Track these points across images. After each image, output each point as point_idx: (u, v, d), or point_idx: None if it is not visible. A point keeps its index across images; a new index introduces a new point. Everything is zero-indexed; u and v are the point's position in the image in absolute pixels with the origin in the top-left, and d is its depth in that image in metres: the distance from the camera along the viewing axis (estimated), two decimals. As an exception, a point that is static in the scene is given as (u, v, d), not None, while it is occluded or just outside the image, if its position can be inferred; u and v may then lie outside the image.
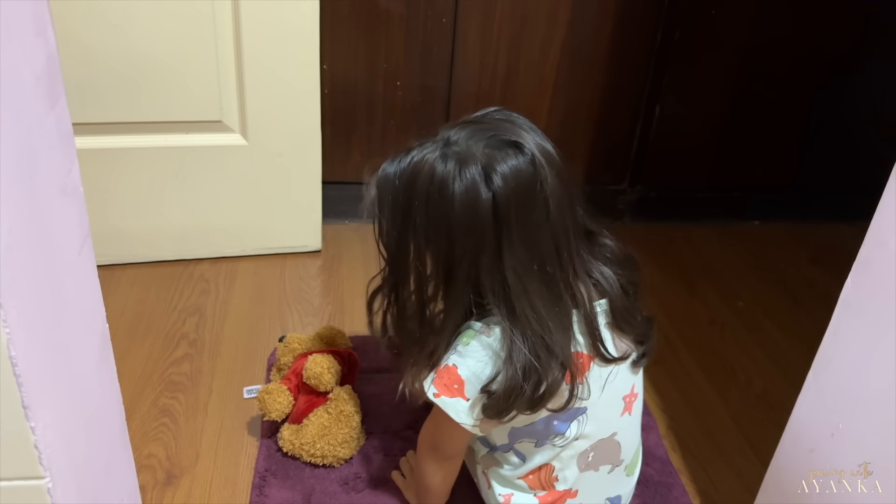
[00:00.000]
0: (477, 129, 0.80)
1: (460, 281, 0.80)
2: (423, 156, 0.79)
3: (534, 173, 0.77)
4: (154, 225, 1.49)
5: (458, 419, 0.83)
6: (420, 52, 1.56)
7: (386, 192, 0.82)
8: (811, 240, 1.81)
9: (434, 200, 0.78)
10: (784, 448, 0.90)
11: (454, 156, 0.77)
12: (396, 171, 0.81)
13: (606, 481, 0.95)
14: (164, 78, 1.34)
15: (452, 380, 0.83)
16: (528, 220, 0.78)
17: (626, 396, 0.91)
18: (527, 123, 0.82)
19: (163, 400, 1.20)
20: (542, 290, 0.80)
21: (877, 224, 0.74)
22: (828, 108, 1.76)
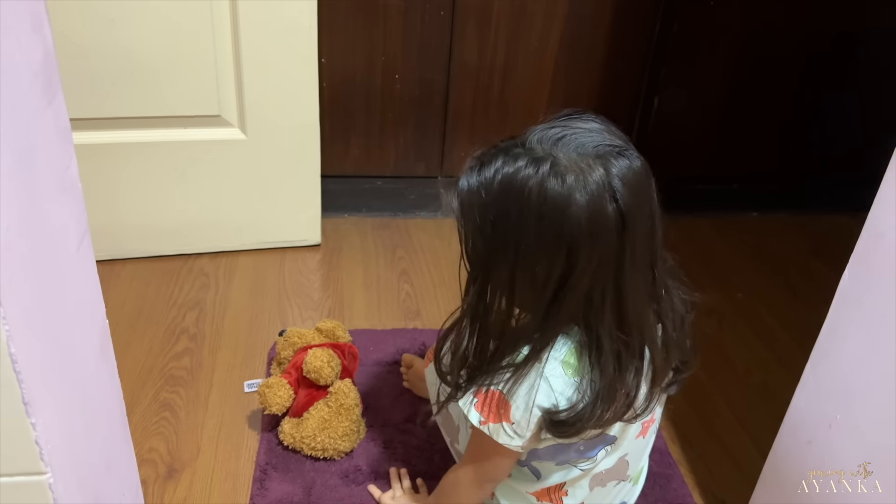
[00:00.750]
0: (575, 138, 0.73)
1: (572, 297, 0.74)
2: (518, 170, 0.72)
3: (649, 182, 0.74)
4: (153, 220, 1.49)
5: (508, 444, 0.81)
6: (418, 45, 1.56)
7: (473, 207, 0.75)
8: (810, 231, 1.81)
9: (550, 218, 0.71)
10: (782, 439, 0.90)
11: (568, 169, 0.70)
12: (482, 184, 0.74)
13: (612, 493, 0.95)
14: (161, 72, 1.34)
15: (497, 402, 0.80)
16: (644, 231, 0.74)
17: (646, 422, 0.89)
18: (613, 128, 0.76)
19: (163, 394, 1.21)
20: (648, 307, 0.78)
21: (875, 216, 0.74)
22: (827, 99, 1.76)
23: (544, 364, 0.78)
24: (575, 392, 0.78)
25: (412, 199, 1.74)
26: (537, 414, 0.79)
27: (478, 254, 0.77)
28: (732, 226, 1.82)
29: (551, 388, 0.78)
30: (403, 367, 1.26)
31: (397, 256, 1.60)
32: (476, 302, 0.79)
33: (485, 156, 0.75)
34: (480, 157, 0.76)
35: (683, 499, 1.09)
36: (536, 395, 0.78)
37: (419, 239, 1.67)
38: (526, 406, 0.79)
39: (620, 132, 0.76)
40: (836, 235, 1.82)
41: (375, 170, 1.70)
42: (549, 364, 0.78)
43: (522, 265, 0.74)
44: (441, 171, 1.72)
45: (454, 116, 1.65)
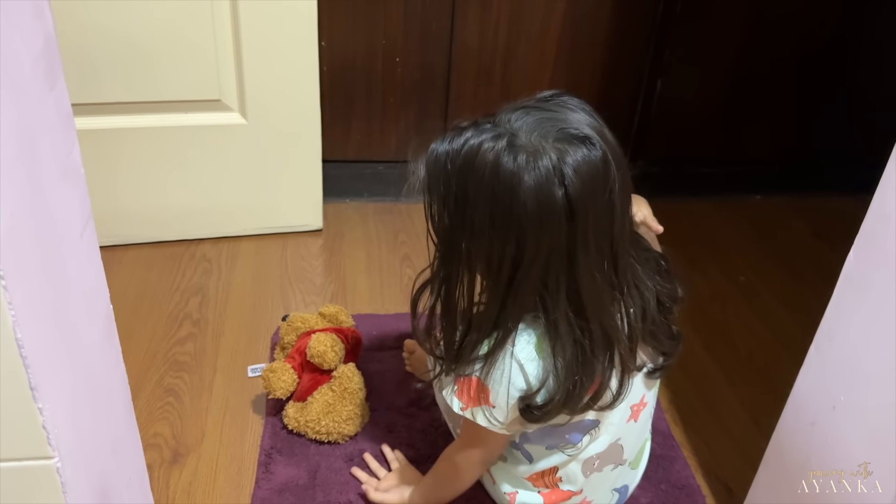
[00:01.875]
0: (543, 120, 0.72)
1: (526, 282, 0.74)
2: (481, 143, 0.72)
3: (605, 173, 0.72)
4: (155, 205, 1.49)
5: (489, 426, 0.82)
6: (419, 28, 1.55)
7: (438, 176, 0.75)
8: (813, 213, 1.81)
9: (501, 196, 0.71)
10: (785, 421, 0.90)
11: (522, 149, 0.70)
12: (449, 153, 0.74)
13: (611, 477, 0.95)
14: (161, 57, 1.33)
15: (476, 388, 0.81)
16: (598, 221, 0.73)
17: (635, 405, 0.89)
18: (590, 115, 0.75)
19: (167, 379, 1.21)
20: (607, 296, 0.77)
21: (879, 197, 0.74)
22: (830, 81, 1.75)
23: (514, 349, 0.78)
24: (547, 376, 0.78)
25: (414, 183, 1.73)
26: (514, 396, 0.79)
27: (440, 223, 0.78)
28: (735, 209, 1.81)
29: (524, 372, 0.79)
30: (406, 352, 1.27)
31: (399, 241, 1.60)
32: (439, 269, 0.80)
33: (458, 127, 0.75)
34: (454, 128, 0.76)
35: (686, 480, 1.10)
36: (511, 378, 0.79)
37: (421, 224, 1.63)
38: (504, 388, 0.79)
39: (598, 121, 0.75)
40: (838, 217, 1.81)
41: (377, 154, 1.69)
42: (520, 348, 0.79)
43: (477, 244, 0.74)
44: (443, 155, 1.71)
45: (456, 100, 1.64)
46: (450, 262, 0.79)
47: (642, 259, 0.83)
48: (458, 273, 0.78)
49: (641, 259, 0.83)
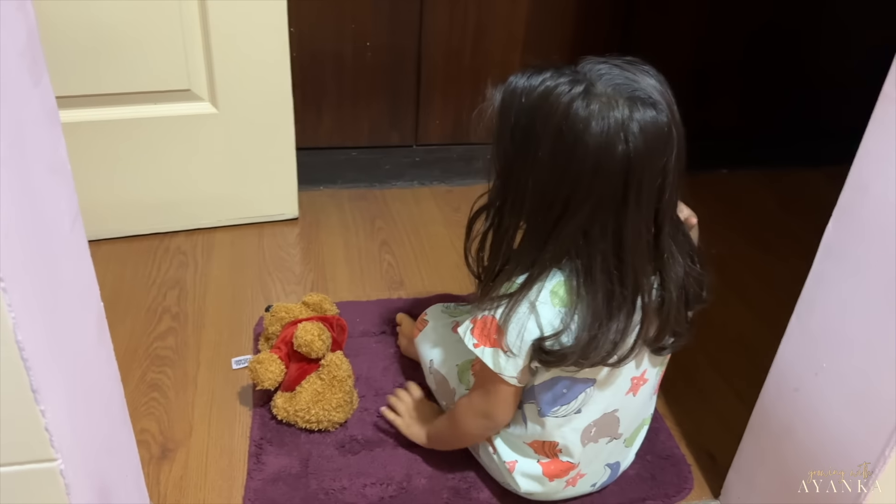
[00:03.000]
0: (622, 76, 0.76)
1: (572, 224, 0.78)
2: (558, 86, 0.75)
3: (667, 140, 0.76)
4: (126, 199, 1.46)
5: (495, 369, 0.84)
6: (388, 11, 1.54)
7: (510, 107, 0.78)
8: (779, 186, 1.85)
9: (567, 137, 0.74)
10: (769, 388, 0.93)
11: (596, 98, 0.73)
12: (525, 88, 0.77)
13: (605, 450, 0.97)
14: (127, 47, 1.30)
15: (493, 329, 0.84)
16: (651, 183, 0.76)
17: (635, 378, 0.91)
18: (665, 87, 0.78)
19: (150, 375, 1.19)
20: (647, 255, 0.80)
21: (857, 169, 0.76)
22: (794, 55, 1.78)
23: (537, 293, 0.81)
24: (560, 322, 0.81)
25: (388, 168, 1.73)
26: (528, 341, 0.82)
27: (505, 153, 0.81)
28: (704, 183, 1.84)
29: (539, 316, 0.81)
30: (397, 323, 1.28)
31: (376, 227, 1.60)
32: (496, 197, 0.84)
33: (539, 66, 0.78)
34: (535, 67, 0.79)
35: (671, 450, 1.12)
36: (527, 322, 0.81)
37: (397, 209, 1.66)
38: (518, 333, 0.82)
39: (670, 95, 0.78)
40: (802, 189, 1.86)
41: (349, 140, 1.68)
42: (540, 293, 0.82)
43: (536, 175, 0.78)
44: (416, 139, 1.71)
45: (427, 83, 1.64)
46: (506, 191, 0.82)
47: (679, 241, 0.85)
48: (513, 204, 0.82)
49: (679, 240, 0.85)
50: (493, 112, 0.81)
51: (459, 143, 1.72)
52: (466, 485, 1.04)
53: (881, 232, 0.73)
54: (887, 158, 0.72)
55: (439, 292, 1.40)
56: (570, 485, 0.98)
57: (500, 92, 0.81)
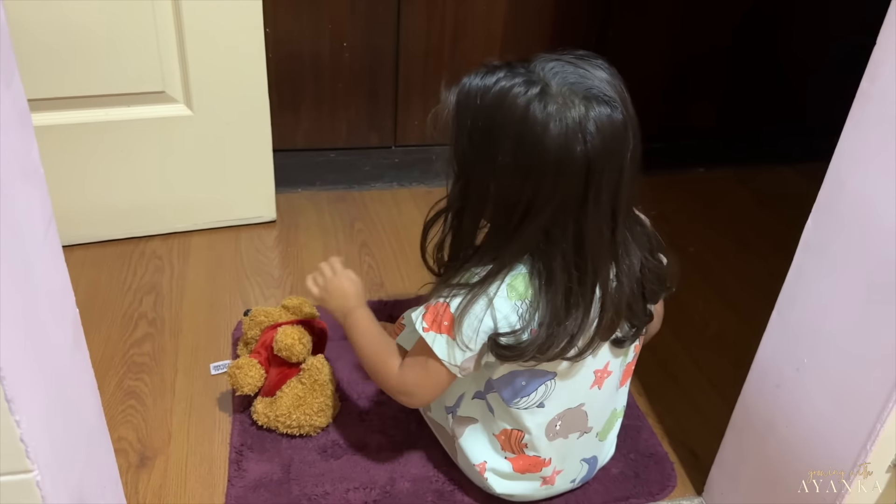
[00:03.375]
0: (575, 75, 0.76)
1: (534, 224, 0.78)
2: (513, 85, 0.75)
3: (624, 137, 0.76)
4: (100, 203, 1.44)
5: (443, 356, 0.84)
6: (365, 11, 1.53)
7: (466, 109, 0.78)
8: (755, 183, 1.87)
9: (526, 139, 0.74)
10: (750, 385, 0.93)
11: (553, 99, 0.74)
12: (480, 89, 0.77)
13: (578, 445, 0.97)
14: (100, 49, 1.28)
15: (446, 317, 0.83)
16: (609, 181, 0.77)
17: (598, 371, 0.91)
18: (618, 83, 0.79)
19: (127, 382, 1.17)
20: (606, 253, 0.81)
21: (836, 165, 0.77)
22: (767, 55, 1.80)
23: (496, 289, 0.82)
24: (517, 316, 0.81)
25: (367, 170, 1.72)
26: (483, 335, 0.82)
27: (464, 156, 0.81)
28: (681, 182, 1.86)
29: (495, 310, 0.81)
30: None
31: (356, 229, 1.59)
32: (457, 200, 0.84)
33: (492, 66, 0.78)
34: (488, 66, 0.78)
35: (654, 448, 1.13)
36: (484, 317, 0.82)
37: (376, 211, 1.65)
38: (473, 328, 0.82)
39: (624, 91, 0.78)
40: (778, 187, 1.88)
41: (327, 142, 1.67)
42: (499, 288, 0.82)
43: (497, 179, 0.78)
44: (395, 140, 1.70)
45: (405, 84, 1.63)
46: (467, 194, 0.82)
47: (636, 233, 0.86)
48: (474, 206, 0.82)
49: (636, 233, 0.86)
50: (449, 114, 0.81)
51: (439, 144, 1.71)
52: (451, 487, 1.04)
53: (860, 227, 0.74)
54: (865, 155, 0.73)
55: (421, 294, 1.40)
56: (547, 483, 0.98)
57: (454, 94, 0.80)
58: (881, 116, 0.70)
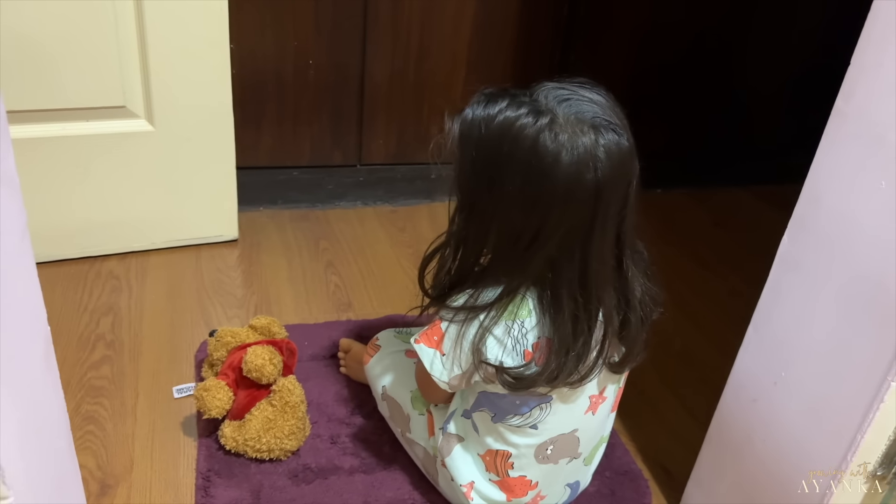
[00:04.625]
0: (580, 104, 0.76)
1: (541, 253, 0.78)
2: (519, 116, 0.74)
3: (631, 163, 0.77)
4: (55, 221, 1.38)
5: (430, 369, 0.85)
6: (330, 29, 1.52)
7: (469, 139, 0.78)
8: (711, 204, 1.91)
9: (536, 170, 0.74)
10: (727, 399, 0.94)
11: (563, 129, 0.73)
12: (484, 119, 0.76)
13: (566, 471, 0.96)
14: (59, 61, 1.23)
15: (434, 332, 0.84)
16: (616, 208, 0.77)
17: (594, 396, 0.91)
18: (618, 109, 0.79)
19: (85, 406, 1.12)
20: (610, 281, 0.81)
21: (811, 183, 0.79)
22: (722, 80, 1.86)
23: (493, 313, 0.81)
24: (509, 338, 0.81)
25: (331, 188, 1.70)
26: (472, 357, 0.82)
27: (468, 186, 0.81)
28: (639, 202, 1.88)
29: (496, 339, 0.81)
30: (341, 351, 1.24)
31: (321, 248, 1.56)
32: (460, 230, 0.84)
33: (493, 94, 0.78)
34: (489, 95, 0.78)
35: (628, 466, 1.13)
36: (484, 342, 0.81)
37: (341, 229, 1.63)
38: (460, 346, 0.82)
39: (621, 113, 0.79)
40: (733, 207, 1.93)
41: (291, 160, 1.64)
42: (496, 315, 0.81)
43: (503, 209, 0.78)
44: (359, 159, 1.69)
45: (371, 102, 1.62)
46: (471, 223, 0.82)
47: (636, 259, 0.87)
48: (476, 236, 0.82)
49: (635, 258, 0.87)
50: (453, 144, 0.80)
51: (403, 162, 1.71)
52: (427, 510, 1.02)
53: (835, 243, 0.76)
54: (841, 172, 0.75)
55: (389, 313, 1.38)
56: None
57: (457, 123, 0.80)
58: (856, 134, 0.73)
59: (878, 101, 0.70)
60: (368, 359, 1.12)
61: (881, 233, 0.71)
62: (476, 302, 0.82)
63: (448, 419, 0.95)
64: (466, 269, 0.85)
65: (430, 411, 1.00)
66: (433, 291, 0.89)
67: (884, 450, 0.76)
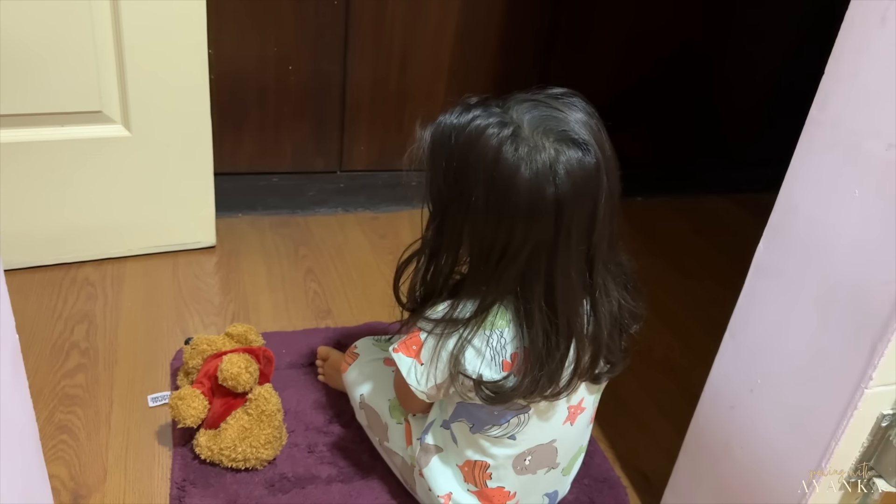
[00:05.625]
0: (549, 117, 0.75)
1: (511, 268, 0.77)
2: (487, 126, 0.74)
3: (596, 180, 0.75)
4: (29, 227, 1.36)
5: (406, 378, 0.84)
6: (312, 35, 1.51)
7: (441, 148, 0.78)
8: (691, 213, 1.93)
9: (498, 182, 0.73)
10: (704, 406, 0.95)
11: (524, 142, 0.73)
12: (455, 128, 0.76)
13: (544, 481, 0.96)
14: (33, 65, 1.22)
15: (413, 341, 0.84)
16: (581, 223, 0.76)
17: (572, 407, 0.90)
18: (595, 122, 0.78)
19: (58, 415, 1.10)
20: (578, 296, 0.80)
21: (786, 190, 0.79)
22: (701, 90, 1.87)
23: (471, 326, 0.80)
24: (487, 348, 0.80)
25: (311, 195, 1.69)
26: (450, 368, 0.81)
27: (439, 195, 0.81)
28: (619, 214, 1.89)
29: (474, 349, 0.81)
30: (319, 359, 1.23)
31: (301, 255, 1.55)
32: (432, 239, 0.83)
33: (468, 104, 0.78)
34: (464, 104, 0.78)
35: (607, 473, 1.13)
36: (463, 353, 0.80)
37: (322, 236, 1.62)
38: (438, 356, 0.82)
39: (601, 130, 0.78)
40: (713, 216, 1.95)
41: (271, 166, 1.63)
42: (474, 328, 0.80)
43: (472, 220, 0.77)
44: (340, 165, 1.68)
45: (352, 109, 1.62)
46: (442, 233, 0.82)
47: (614, 273, 0.85)
48: (449, 244, 0.82)
49: (613, 273, 0.85)
50: (424, 153, 0.80)
51: (385, 169, 1.71)
52: (405, 519, 1.01)
53: (810, 251, 0.76)
54: (815, 179, 0.75)
55: (369, 320, 1.37)
56: None
57: (429, 131, 0.80)
58: (830, 143, 0.73)
59: (852, 109, 0.71)
60: (346, 367, 1.11)
61: (856, 241, 0.71)
62: (455, 314, 0.81)
63: (426, 430, 0.94)
64: (441, 279, 0.84)
65: (407, 420, 1.00)
66: (408, 302, 0.88)
67: (857, 456, 0.77)
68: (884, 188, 0.68)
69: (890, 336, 0.69)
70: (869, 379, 0.71)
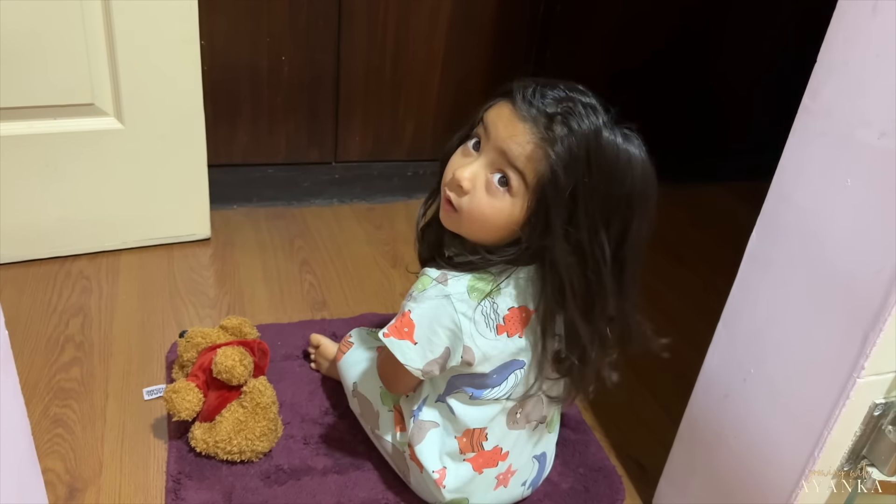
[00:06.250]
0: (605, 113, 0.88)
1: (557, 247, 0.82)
2: (600, 119, 0.86)
3: (653, 178, 0.88)
4: (22, 221, 1.35)
5: (402, 360, 0.85)
6: (305, 25, 1.51)
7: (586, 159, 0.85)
8: (688, 202, 1.92)
9: (619, 167, 0.85)
10: (698, 396, 0.95)
11: (619, 130, 0.88)
12: (585, 133, 0.86)
13: (532, 439, 0.98)
14: (24, 58, 1.21)
15: (404, 323, 0.85)
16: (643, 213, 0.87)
17: None
18: None
19: (54, 409, 1.10)
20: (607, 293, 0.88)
21: (779, 179, 0.79)
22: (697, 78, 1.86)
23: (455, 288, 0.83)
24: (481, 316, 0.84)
25: (306, 186, 1.68)
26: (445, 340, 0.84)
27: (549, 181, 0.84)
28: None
29: (455, 312, 0.83)
30: (311, 346, 1.23)
31: (296, 247, 1.55)
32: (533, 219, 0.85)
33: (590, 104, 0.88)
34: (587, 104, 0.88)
35: (602, 462, 1.13)
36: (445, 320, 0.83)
37: (317, 227, 1.62)
38: (431, 330, 0.84)
39: None
40: (708, 204, 1.94)
41: (265, 157, 1.63)
42: (455, 286, 0.83)
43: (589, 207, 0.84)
44: (335, 156, 1.67)
45: (346, 99, 1.61)
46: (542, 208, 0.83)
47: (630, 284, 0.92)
48: None
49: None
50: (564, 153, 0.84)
51: (380, 160, 1.70)
52: (400, 509, 1.01)
53: (804, 240, 0.76)
54: (808, 169, 0.75)
55: (364, 311, 1.37)
56: (501, 484, 0.97)
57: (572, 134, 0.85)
58: (823, 131, 0.73)
59: (844, 98, 0.70)
60: (341, 355, 1.11)
61: (848, 230, 0.71)
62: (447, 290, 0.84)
63: (420, 406, 0.95)
64: None
65: (397, 407, 1.00)
66: None
67: (850, 446, 0.77)
68: (875, 177, 0.68)
69: (882, 325, 0.69)
70: (861, 368, 0.71)
